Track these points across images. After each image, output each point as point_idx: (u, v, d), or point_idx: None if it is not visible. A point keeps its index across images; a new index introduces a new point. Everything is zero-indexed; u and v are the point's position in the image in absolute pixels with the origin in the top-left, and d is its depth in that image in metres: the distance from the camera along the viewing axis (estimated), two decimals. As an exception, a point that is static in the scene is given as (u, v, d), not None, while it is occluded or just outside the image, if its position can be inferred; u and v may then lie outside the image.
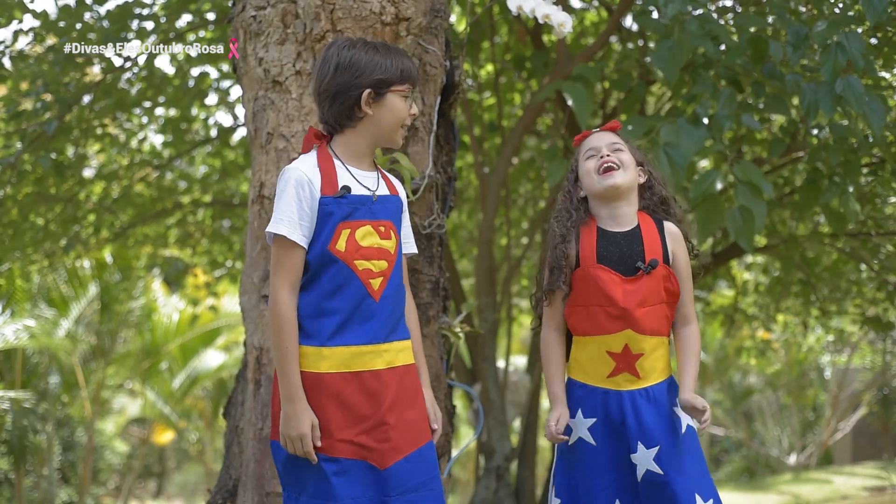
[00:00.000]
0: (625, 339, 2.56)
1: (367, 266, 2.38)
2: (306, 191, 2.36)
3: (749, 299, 8.25)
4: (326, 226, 2.37)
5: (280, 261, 2.36)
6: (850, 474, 11.46)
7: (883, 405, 14.40)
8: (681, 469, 2.52)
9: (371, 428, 2.36)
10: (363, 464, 2.35)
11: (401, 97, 2.45)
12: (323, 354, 2.35)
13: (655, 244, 2.60)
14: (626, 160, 2.62)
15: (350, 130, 2.46)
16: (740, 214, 3.51)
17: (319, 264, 2.37)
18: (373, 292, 2.39)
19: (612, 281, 2.56)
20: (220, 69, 6.20)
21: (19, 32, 5.01)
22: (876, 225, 5.56)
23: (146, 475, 17.65)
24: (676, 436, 2.54)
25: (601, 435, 2.60)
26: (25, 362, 11.01)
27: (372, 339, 2.38)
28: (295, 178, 2.37)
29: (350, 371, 2.36)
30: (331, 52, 2.46)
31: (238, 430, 3.28)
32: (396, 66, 2.43)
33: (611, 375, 2.59)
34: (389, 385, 2.41)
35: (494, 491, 5.16)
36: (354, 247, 2.37)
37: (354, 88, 2.40)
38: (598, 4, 5.96)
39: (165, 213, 7.11)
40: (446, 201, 3.38)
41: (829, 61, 3.37)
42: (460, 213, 7.55)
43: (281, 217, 2.35)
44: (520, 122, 4.95)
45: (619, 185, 2.60)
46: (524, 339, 13.68)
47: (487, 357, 5.19)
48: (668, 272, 2.58)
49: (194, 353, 13.06)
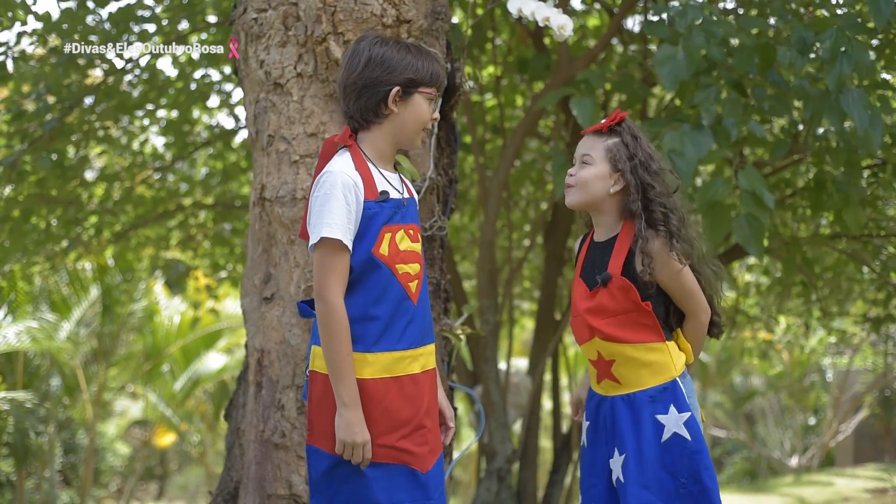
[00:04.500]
0: (595, 346, 2.60)
1: (405, 270, 2.38)
2: (352, 194, 2.33)
3: (751, 300, 8.25)
4: (370, 230, 2.35)
5: (332, 265, 2.31)
6: (851, 476, 11.45)
7: (885, 407, 14.38)
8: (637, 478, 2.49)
9: (411, 432, 2.36)
10: (404, 468, 2.35)
11: (427, 99, 2.45)
12: (367, 360, 2.34)
13: (620, 257, 2.55)
14: (584, 177, 2.57)
15: (376, 127, 2.44)
16: (747, 222, 3.51)
17: (363, 269, 2.34)
18: (412, 295, 2.39)
19: (580, 294, 2.61)
20: (222, 71, 6.21)
21: (22, 34, 5.01)
22: (877, 227, 5.56)
23: (147, 477, 17.65)
24: (647, 444, 2.51)
25: (592, 438, 2.66)
26: (27, 364, 11.02)
27: (411, 343, 2.39)
28: (342, 181, 2.33)
29: (391, 376, 2.35)
30: (362, 45, 2.44)
31: (239, 432, 3.28)
32: (427, 69, 2.43)
33: (599, 381, 2.64)
34: (425, 388, 2.42)
35: (496, 493, 5.15)
36: (395, 250, 2.37)
37: (384, 84, 2.39)
38: (600, 7, 5.96)
39: (167, 216, 7.11)
40: (447, 203, 3.38)
41: (834, 71, 3.36)
42: (462, 215, 7.55)
43: (333, 221, 2.30)
44: (521, 125, 4.95)
45: (571, 204, 2.61)
46: (525, 341, 13.67)
47: (489, 359, 5.18)
48: (625, 285, 2.52)
49: (196, 356, 13.06)
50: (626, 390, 2.57)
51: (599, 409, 2.63)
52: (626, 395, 2.57)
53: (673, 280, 2.56)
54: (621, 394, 2.58)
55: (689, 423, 2.54)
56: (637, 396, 2.55)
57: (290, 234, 3.05)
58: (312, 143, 3.04)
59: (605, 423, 2.61)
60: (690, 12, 3.44)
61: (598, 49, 4.63)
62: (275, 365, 3.05)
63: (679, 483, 2.49)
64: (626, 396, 2.57)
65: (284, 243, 3.06)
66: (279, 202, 3.05)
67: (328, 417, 2.35)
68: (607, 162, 2.57)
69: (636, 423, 2.53)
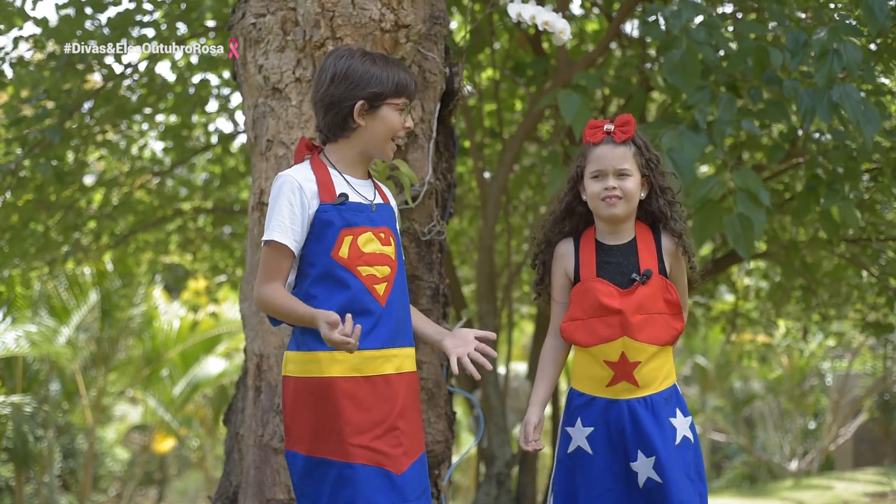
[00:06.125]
0: (622, 347, 2.57)
1: (370, 272, 2.39)
2: (297, 196, 2.37)
3: (750, 305, 8.25)
4: (327, 233, 2.38)
5: (266, 264, 2.39)
6: (851, 480, 11.43)
7: (884, 411, 14.38)
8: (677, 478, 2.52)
9: (384, 433, 2.36)
10: (379, 470, 2.35)
11: (395, 110, 2.46)
12: (336, 359, 2.35)
13: (651, 255, 2.60)
14: (630, 188, 2.59)
15: (343, 140, 2.47)
16: (739, 222, 3.51)
17: (324, 272, 2.37)
18: (378, 297, 2.39)
19: (610, 293, 2.58)
20: (221, 76, 6.21)
21: (19, 39, 5.02)
22: (876, 231, 5.56)
23: (147, 482, 17.61)
24: (672, 445, 2.55)
25: (599, 444, 2.61)
26: (26, 369, 11.00)
27: (381, 343, 2.39)
28: (287, 184, 2.38)
29: (362, 375, 2.36)
30: (328, 61, 2.47)
31: (238, 436, 3.28)
32: (392, 80, 2.43)
33: (610, 384, 2.59)
34: (399, 390, 2.42)
35: (495, 497, 5.15)
36: (357, 253, 2.38)
37: (348, 100, 2.41)
38: (599, 12, 5.97)
39: (166, 220, 7.11)
40: (446, 208, 3.38)
41: (824, 68, 3.37)
42: (461, 220, 7.55)
43: (274, 224, 2.37)
44: (520, 129, 4.96)
45: (620, 215, 2.62)
46: (525, 345, 13.67)
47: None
48: (664, 283, 2.59)
49: (195, 360, 13.05)
50: (643, 393, 2.57)
51: (607, 414, 2.59)
52: (643, 398, 2.57)
53: (681, 279, 2.64)
54: (637, 396, 2.57)
55: (692, 426, 2.61)
56: (654, 399, 2.57)
57: (288, 238, 3.04)
58: (311, 148, 3.04)
59: (619, 427, 2.58)
60: (685, 13, 3.45)
61: (596, 53, 4.64)
62: (274, 369, 3.05)
63: (694, 483, 2.56)
64: (645, 399, 2.57)
65: (283, 248, 3.06)
66: (278, 207, 3.04)
67: (302, 421, 2.38)
68: (638, 170, 2.62)
69: (660, 426, 2.55)
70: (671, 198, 2.65)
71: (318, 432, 2.35)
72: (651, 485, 2.54)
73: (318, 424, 2.35)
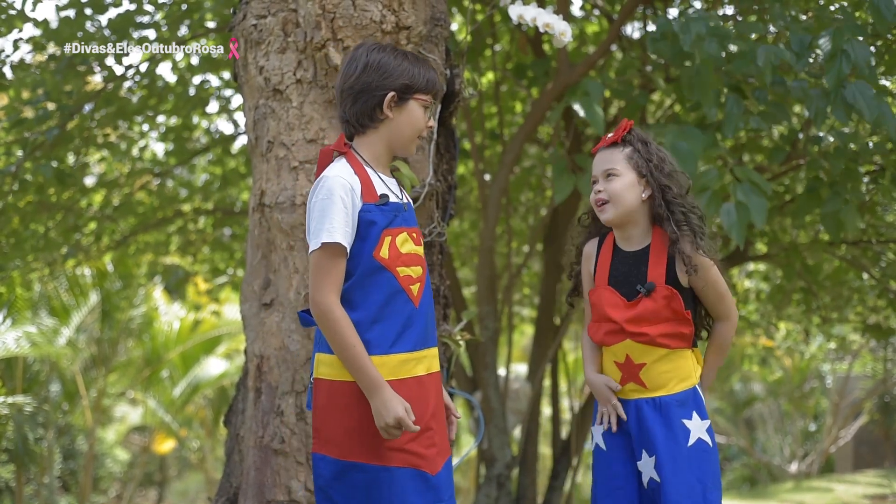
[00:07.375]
0: (625, 349, 2.61)
1: (407, 272, 2.39)
2: (349, 198, 2.34)
3: (751, 307, 8.25)
4: (371, 233, 2.35)
5: (328, 269, 2.32)
6: (851, 482, 11.44)
7: (884, 413, 14.37)
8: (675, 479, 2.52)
9: (419, 435, 2.36)
10: (416, 472, 2.34)
11: (422, 106, 2.47)
12: (373, 363, 2.33)
13: (660, 265, 2.58)
14: (617, 189, 2.59)
15: (371, 132, 2.46)
16: (735, 209, 3.52)
17: (365, 273, 2.35)
18: (413, 298, 2.39)
19: (615, 304, 2.61)
20: (222, 77, 6.21)
21: (19, 41, 5.02)
22: (876, 233, 5.56)
23: (147, 483, 17.61)
24: (677, 446, 2.55)
25: (611, 442, 2.67)
26: (26, 370, 11.00)
27: (415, 345, 2.39)
28: (339, 185, 2.34)
29: (397, 378, 2.35)
30: (359, 51, 2.46)
31: (239, 438, 3.28)
32: (423, 75, 2.45)
33: (622, 384, 2.64)
34: (430, 390, 2.43)
35: (495, 499, 5.15)
36: (396, 254, 2.37)
37: (380, 89, 2.41)
38: (599, 14, 5.97)
39: (166, 221, 7.11)
40: (447, 209, 3.38)
41: (833, 69, 3.36)
42: (461, 222, 7.55)
43: (332, 226, 2.31)
44: (521, 131, 4.95)
45: (610, 220, 2.63)
46: (525, 347, 13.67)
47: (488, 365, 5.18)
48: (670, 293, 2.56)
49: (195, 362, 13.05)
50: (652, 394, 2.59)
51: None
52: (651, 399, 2.59)
53: (705, 280, 2.59)
54: (645, 397, 2.60)
55: (709, 429, 2.61)
56: (665, 400, 2.58)
57: (289, 240, 3.05)
58: (312, 149, 3.04)
59: (627, 427, 2.62)
60: (694, 27, 3.43)
61: (597, 55, 4.64)
62: (274, 371, 3.05)
63: (706, 487, 2.55)
64: (653, 400, 2.59)
65: (284, 249, 3.06)
66: (278, 208, 3.05)
67: (334, 424, 2.35)
68: (632, 170, 2.61)
69: (668, 427, 2.56)
70: (672, 197, 2.61)
71: (352, 436, 2.33)
72: (653, 485, 2.56)
73: (352, 428, 2.33)
